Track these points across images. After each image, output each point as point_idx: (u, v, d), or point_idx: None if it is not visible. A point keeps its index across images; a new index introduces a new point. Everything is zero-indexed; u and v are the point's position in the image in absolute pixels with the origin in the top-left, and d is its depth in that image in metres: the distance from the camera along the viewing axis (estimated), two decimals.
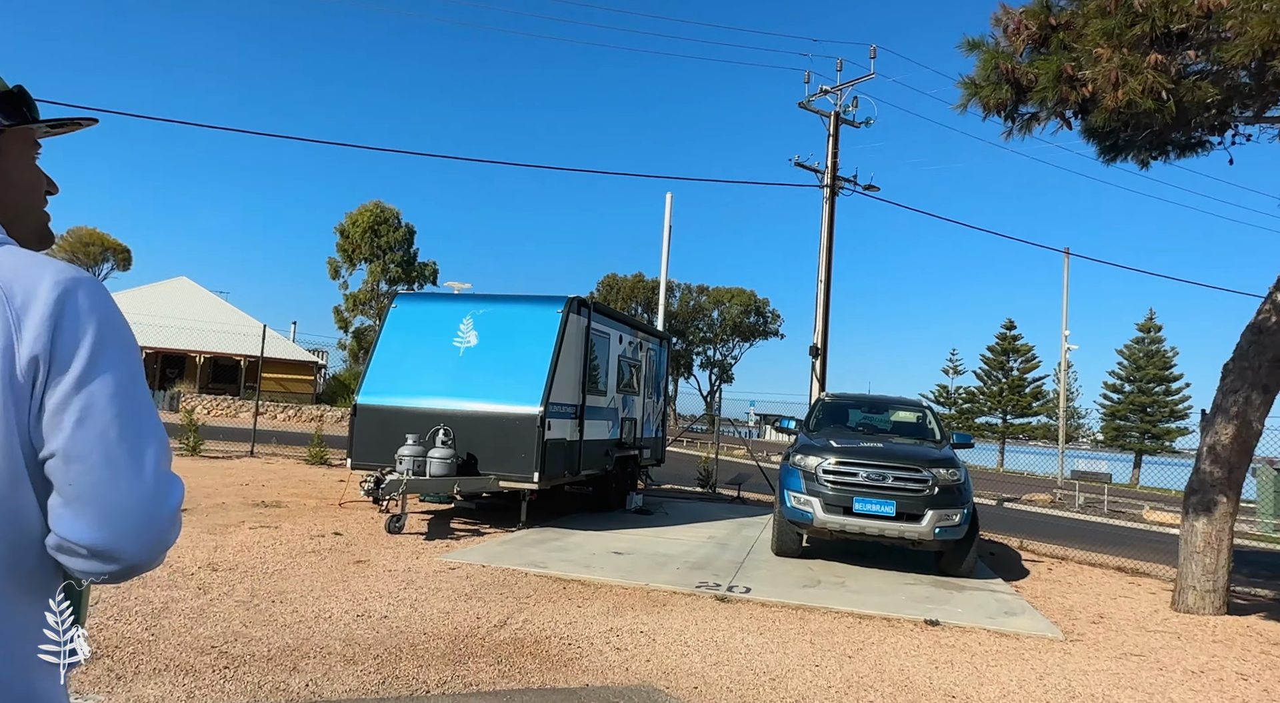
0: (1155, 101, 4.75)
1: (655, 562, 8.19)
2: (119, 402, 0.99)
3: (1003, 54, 5.44)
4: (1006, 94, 5.48)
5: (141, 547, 0.99)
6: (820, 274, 20.40)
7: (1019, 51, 5.38)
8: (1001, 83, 5.49)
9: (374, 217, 42.20)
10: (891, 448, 8.76)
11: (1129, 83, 4.67)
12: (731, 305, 74.36)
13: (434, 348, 10.24)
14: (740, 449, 37.23)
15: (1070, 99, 5.08)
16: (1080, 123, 9.95)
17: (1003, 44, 5.57)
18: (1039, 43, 5.26)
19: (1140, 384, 55.80)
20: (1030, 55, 5.33)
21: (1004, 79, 5.46)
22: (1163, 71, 4.66)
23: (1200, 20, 4.52)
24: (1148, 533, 19.87)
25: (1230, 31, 4.39)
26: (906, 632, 6.26)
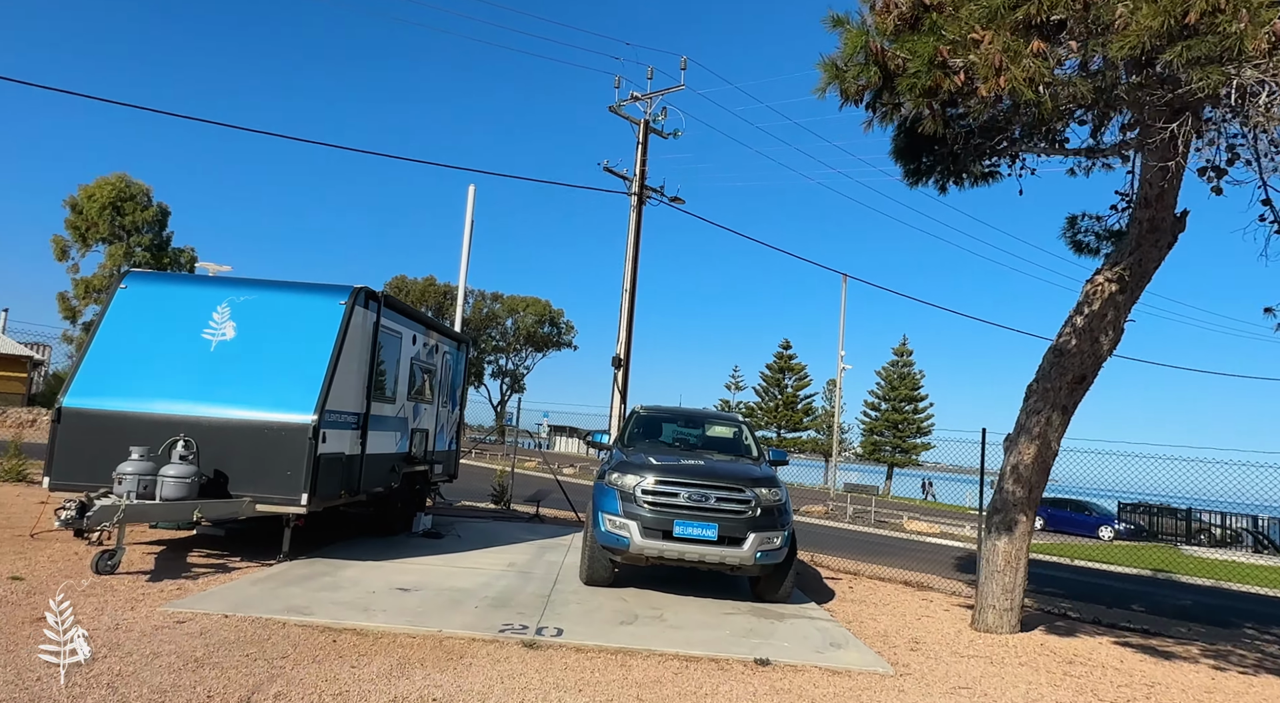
0: (1034, 93, 4.52)
1: (449, 599, 6.97)
2: None
3: (870, 34, 5.03)
4: (874, 77, 5.08)
5: None
6: (625, 283, 19.98)
7: (887, 32, 4.99)
8: (869, 64, 5.07)
9: (117, 192, 36.46)
10: (714, 466, 8.20)
11: (1011, 70, 4.40)
12: (526, 315, 73.29)
13: (176, 340, 8.30)
14: (532, 462, 36.16)
15: (943, 87, 4.75)
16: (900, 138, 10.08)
17: (870, 22, 5.17)
18: (910, 23, 4.90)
19: (894, 403, 61.74)
20: (899, 38, 4.95)
21: (871, 61, 5.05)
22: (1044, 59, 4.43)
23: (1082, 11, 4.32)
24: (912, 543, 21.39)
25: (1119, 21, 4.21)
26: (738, 676, 5.60)
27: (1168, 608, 12.28)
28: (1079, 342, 7.36)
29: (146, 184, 37.86)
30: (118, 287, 8.61)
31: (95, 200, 36.08)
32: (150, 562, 7.58)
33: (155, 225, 37.94)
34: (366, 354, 9.07)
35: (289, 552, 8.15)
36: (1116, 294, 7.24)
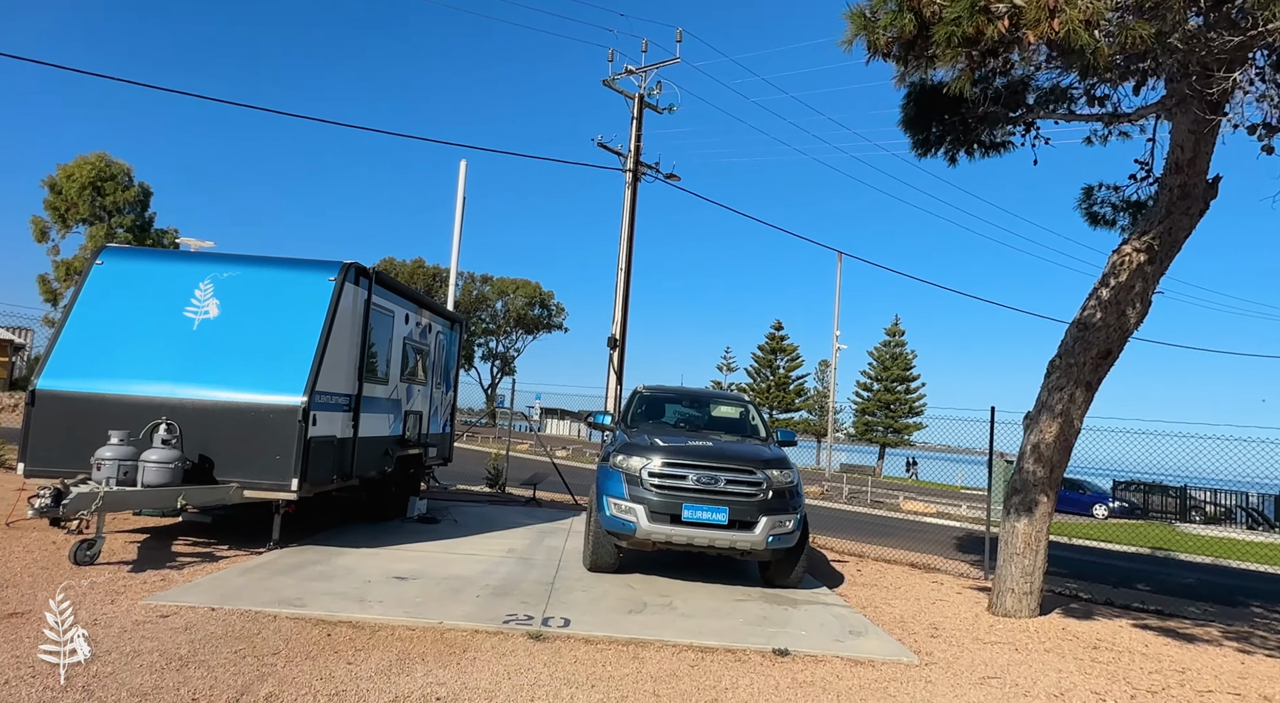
0: (1090, 38, 4.15)
1: (449, 588, 6.65)
2: None
3: None
4: (908, 26, 4.70)
5: None
6: (620, 262, 19.59)
7: None
8: (902, 12, 4.69)
9: (96, 171, 35.64)
10: (722, 447, 7.89)
11: (1067, 11, 4.03)
12: (516, 297, 72.73)
13: (156, 319, 7.88)
14: (525, 444, 35.83)
15: (985, 34, 4.38)
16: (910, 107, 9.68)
17: None
18: None
19: (886, 383, 61.67)
20: None
21: (905, 7, 4.67)
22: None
23: None
24: (910, 523, 21.25)
25: None
26: (757, 667, 5.31)
27: (1174, 587, 12.12)
28: (1104, 315, 7.06)
29: (127, 164, 37.07)
30: (94, 263, 8.17)
31: (75, 180, 35.26)
32: (133, 551, 7.22)
33: (137, 206, 37.16)
34: (358, 333, 8.68)
35: (279, 539, 7.80)
36: (1145, 265, 6.93)
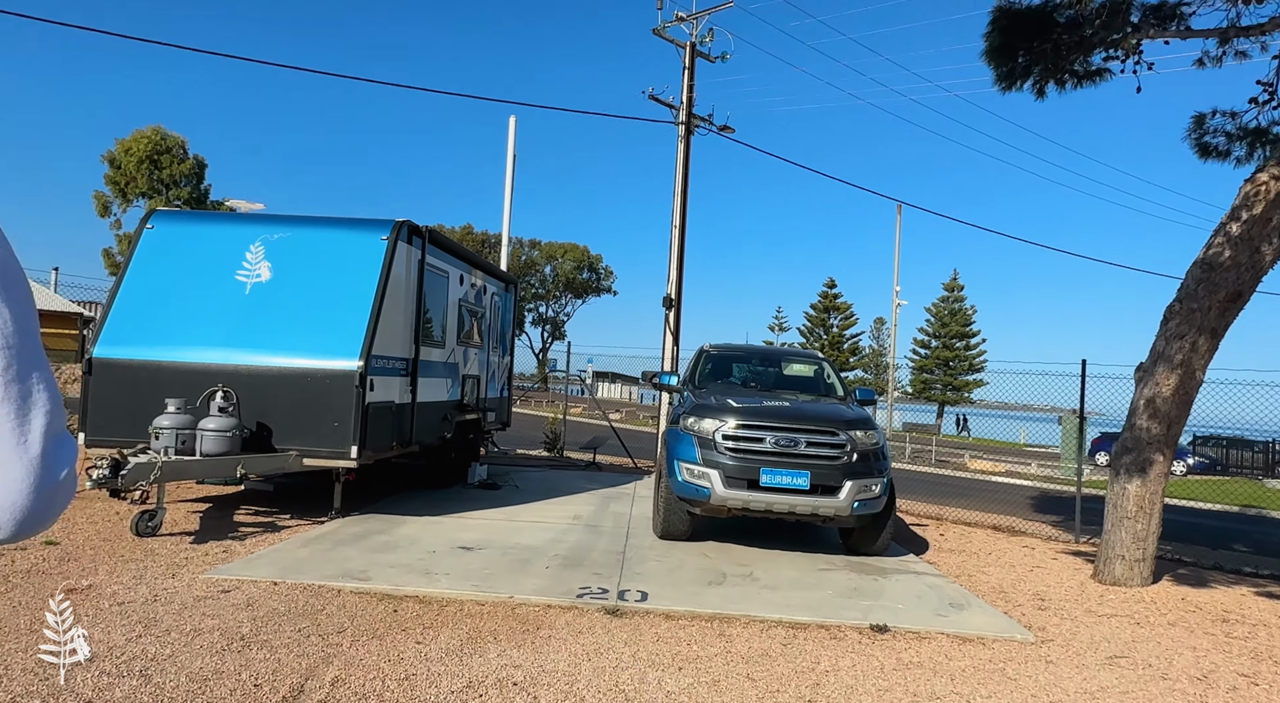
0: None
1: (517, 559, 6.33)
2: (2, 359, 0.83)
3: None
4: None
5: (23, 520, 0.84)
6: (674, 219, 18.94)
7: None
8: None
9: (152, 145, 36.06)
10: (801, 408, 7.37)
11: None
12: (564, 261, 72.46)
13: (208, 283, 7.64)
14: (578, 407, 35.74)
15: None
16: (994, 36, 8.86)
17: None
18: None
19: (944, 340, 59.99)
20: None
21: None
22: None
23: None
24: (980, 483, 20.48)
25: None
26: (855, 645, 4.85)
27: (1274, 547, 11.28)
28: (1234, 253, 6.29)
29: (182, 136, 37.43)
30: (144, 227, 7.95)
31: (132, 155, 35.77)
32: (194, 521, 7.07)
33: (193, 178, 37.60)
34: (412, 295, 8.34)
35: (340, 508, 7.58)
36: None
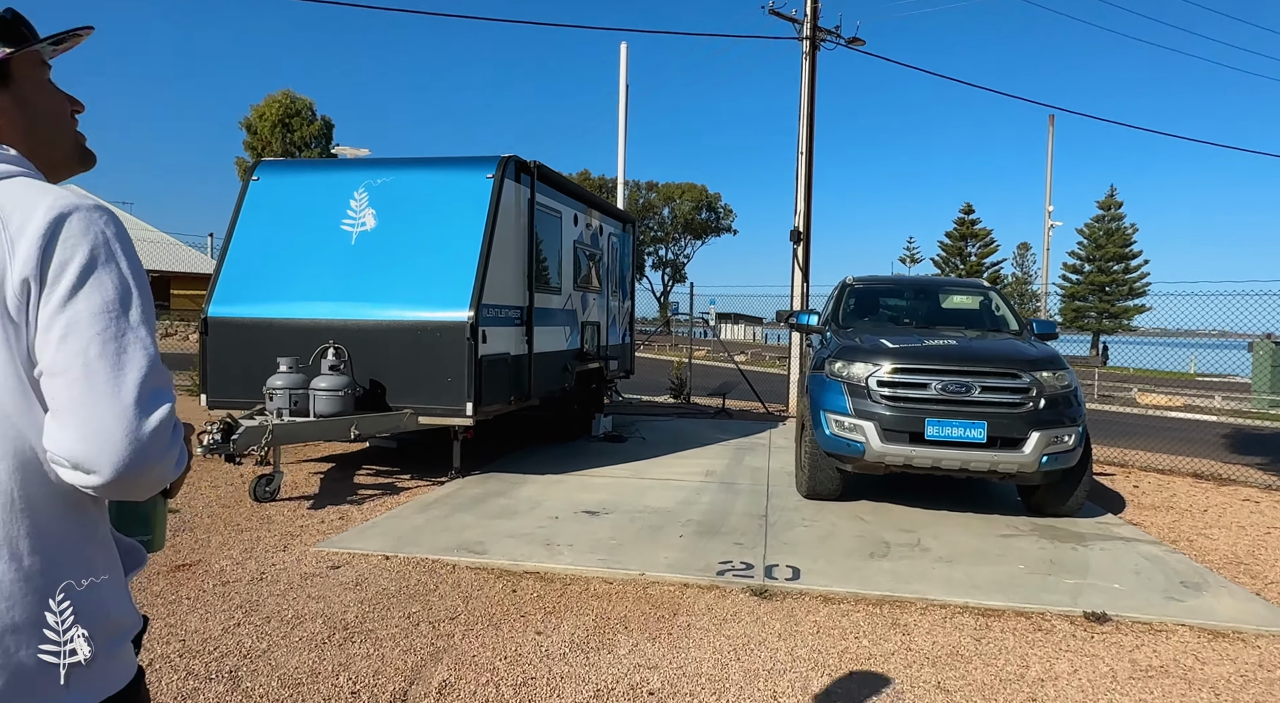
0: None
1: (646, 525, 5.68)
2: (103, 320, 1.01)
3: None
4: None
5: (117, 462, 0.98)
6: (800, 145, 17.50)
7: None
8: None
9: (284, 108, 37.38)
10: (971, 346, 6.27)
11: None
12: (682, 202, 71.07)
13: (315, 235, 7.28)
14: (702, 351, 35.01)
15: None
16: None
17: None
18: None
19: (1100, 263, 54.86)
20: None
21: None
22: None
23: None
24: (1156, 420, 18.27)
25: None
26: (1069, 641, 3.89)
27: None
28: None
29: (309, 98, 38.59)
30: (249, 179, 7.66)
31: (266, 120, 37.23)
32: (315, 484, 6.83)
33: (321, 139, 38.82)
34: (523, 238, 7.72)
35: (460, 468, 7.18)
36: None
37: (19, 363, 1.01)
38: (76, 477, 1.00)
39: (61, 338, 0.99)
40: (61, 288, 1.00)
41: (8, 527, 1.01)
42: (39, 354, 1.00)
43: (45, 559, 1.03)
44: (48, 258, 1.00)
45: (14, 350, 1.00)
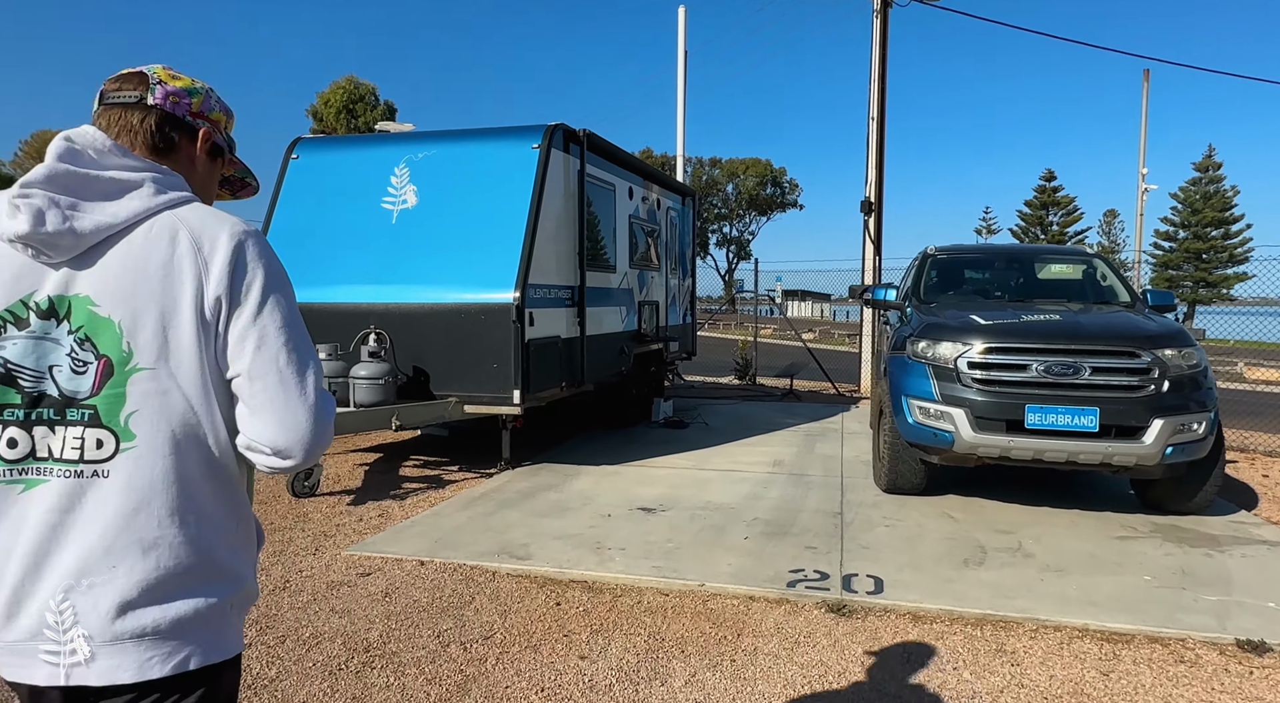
0: None
1: (707, 524, 5.14)
2: (285, 332, 1.23)
3: None
4: None
5: (307, 447, 1.23)
6: (871, 111, 16.47)
7: None
8: None
9: (348, 94, 37.80)
10: (1078, 321, 5.50)
11: None
12: (747, 177, 69.68)
13: (356, 214, 6.92)
14: (768, 329, 34.11)
15: None
16: None
17: None
18: None
19: (1195, 229, 51.49)
20: None
21: None
22: None
23: None
24: (1270, 397, 16.79)
25: None
26: (1223, 679, 3.20)
27: None
28: None
29: (372, 83, 38.92)
30: (289, 157, 7.35)
31: (330, 106, 37.72)
32: (358, 476, 6.51)
33: None
34: (573, 212, 7.21)
35: (509, 458, 6.77)
36: None
37: (206, 364, 1.19)
38: (273, 461, 1.22)
39: (256, 348, 1.19)
40: (249, 305, 1.19)
41: (180, 500, 1.19)
42: (234, 361, 1.20)
43: (206, 527, 1.22)
44: (236, 279, 1.19)
45: (205, 353, 1.18)
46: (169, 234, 1.19)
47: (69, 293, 1.18)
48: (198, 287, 1.17)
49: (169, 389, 1.18)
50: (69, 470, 1.17)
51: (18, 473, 1.18)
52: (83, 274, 1.18)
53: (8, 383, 1.18)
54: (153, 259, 1.18)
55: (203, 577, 1.22)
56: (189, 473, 1.20)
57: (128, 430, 1.17)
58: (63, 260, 1.18)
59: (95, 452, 1.17)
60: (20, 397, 1.18)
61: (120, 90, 1.30)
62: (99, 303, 1.17)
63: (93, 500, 1.17)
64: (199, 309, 1.17)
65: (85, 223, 1.17)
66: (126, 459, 1.17)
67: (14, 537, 1.17)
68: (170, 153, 1.31)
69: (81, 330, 1.18)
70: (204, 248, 1.19)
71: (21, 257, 1.18)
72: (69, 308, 1.18)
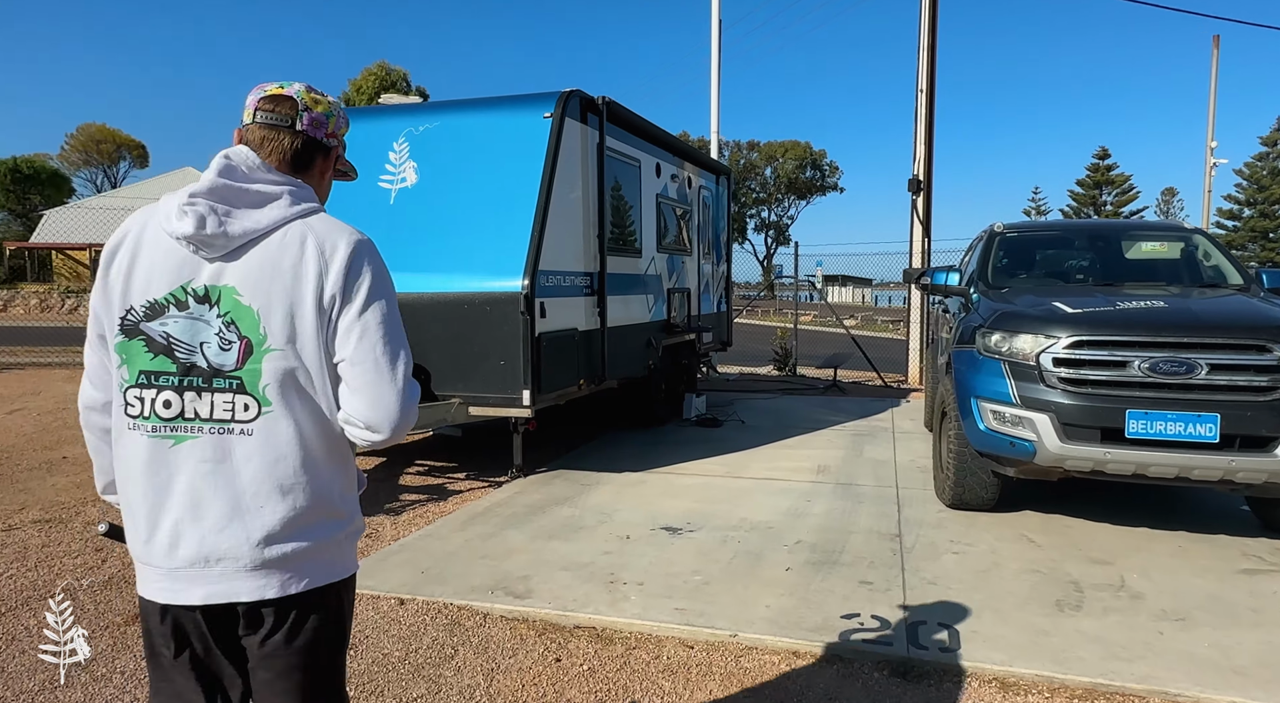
0: None
1: (743, 550, 4.39)
2: (383, 327, 1.46)
3: None
4: None
5: (394, 424, 1.46)
6: (920, 82, 15.38)
7: None
8: None
9: (379, 80, 37.46)
10: (1187, 308, 4.61)
11: None
12: (785, 160, 68.10)
13: (350, 195, 6.20)
14: (808, 315, 33.05)
15: None
16: None
17: None
18: None
19: (1262, 206, 48.88)
20: None
21: None
22: None
23: None
24: None
25: None
26: None
27: None
28: None
29: (404, 69, 38.52)
30: None
31: (363, 92, 37.38)
32: None
33: None
34: (592, 190, 6.48)
35: (521, 465, 6.08)
36: None
37: (322, 348, 1.44)
38: (364, 434, 1.47)
39: (359, 338, 1.44)
40: (357, 302, 1.44)
41: (306, 454, 1.45)
42: (340, 348, 1.45)
43: (324, 476, 1.49)
44: (349, 280, 1.44)
45: (321, 338, 1.44)
46: (299, 240, 1.44)
47: (219, 283, 1.42)
48: (319, 284, 1.42)
49: (295, 367, 1.43)
50: (219, 428, 1.42)
51: (169, 430, 1.42)
52: (230, 268, 1.42)
53: (166, 353, 1.42)
54: (285, 259, 1.43)
55: (324, 514, 1.48)
56: (311, 433, 1.45)
57: (265, 398, 1.42)
58: (215, 256, 1.42)
59: (243, 414, 1.42)
60: (175, 366, 1.42)
61: (274, 111, 1.52)
62: (242, 293, 1.41)
63: (240, 453, 1.42)
64: (319, 302, 1.42)
65: (235, 227, 1.41)
66: (266, 421, 1.42)
67: (169, 482, 1.42)
68: (307, 169, 1.56)
69: (228, 315, 1.41)
70: (326, 252, 1.44)
71: (183, 251, 1.42)
72: (219, 296, 1.42)
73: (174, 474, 1.40)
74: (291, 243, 1.42)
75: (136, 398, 1.42)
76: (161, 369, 1.41)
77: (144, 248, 1.44)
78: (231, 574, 1.41)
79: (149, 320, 1.42)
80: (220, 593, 1.41)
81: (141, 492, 1.42)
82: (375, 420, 1.43)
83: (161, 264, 1.42)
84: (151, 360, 1.41)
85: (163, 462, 1.41)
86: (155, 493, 1.41)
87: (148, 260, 1.43)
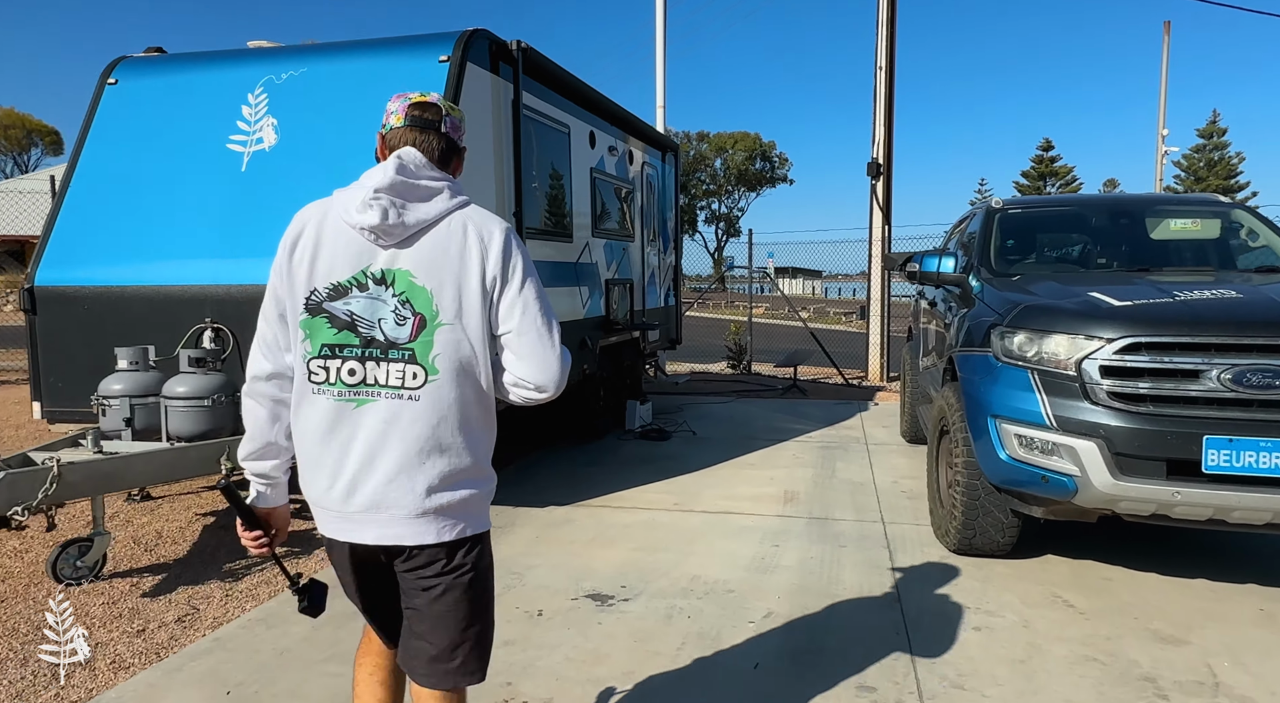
0: None
1: (692, 635, 3.21)
2: (538, 302, 1.68)
3: None
4: None
5: (556, 382, 1.68)
6: (879, 58, 14.41)
7: None
8: None
9: None
10: (1270, 299, 3.57)
11: None
12: (735, 152, 67.38)
13: (191, 160, 4.90)
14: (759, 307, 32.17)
15: None
16: None
17: None
18: None
19: None
20: None
21: None
22: None
23: None
24: None
25: None
26: None
27: None
28: None
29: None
30: (105, 82, 5.27)
31: None
32: (190, 536, 4.52)
33: None
34: (508, 158, 5.24)
35: None
36: None
37: (485, 324, 1.64)
38: (532, 394, 1.69)
39: (523, 312, 1.65)
40: (515, 282, 1.66)
41: (463, 417, 1.65)
42: (504, 321, 1.65)
43: (478, 437, 1.70)
44: (506, 263, 1.65)
45: (484, 316, 1.64)
46: (462, 228, 1.66)
47: (394, 267, 1.62)
48: (481, 266, 1.63)
49: (461, 339, 1.63)
50: (393, 394, 1.62)
51: (353, 394, 1.63)
52: (403, 253, 1.63)
53: (349, 328, 1.62)
54: (452, 245, 1.64)
55: (475, 472, 1.70)
56: (469, 398, 1.66)
57: (433, 367, 1.62)
58: (391, 243, 1.62)
59: (412, 381, 1.62)
60: (357, 339, 1.62)
61: (424, 114, 1.74)
62: (415, 275, 1.62)
63: (408, 416, 1.62)
64: (482, 282, 1.63)
65: (410, 218, 1.63)
66: (432, 387, 1.63)
67: (350, 439, 1.63)
68: (447, 166, 1.77)
69: (403, 294, 1.62)
70: (485, 239, 1.65)
71: (362, 239, 1.63)
72: (394, 278, 1.62)
73: (355, 432, 1.62)
74: (456, 231, 1.65)
75: (321, 367, 1.63)
76: (345, 342, 1.62)
77: (325, 237, 1.64)
78: (399, 520, 1.63)
79: (332, 300, 1.62)
80: (389, 536, 1.64)
81: (325, 447, 1.64)
82: (543, 381, 1.67)
83: (344, 252, 1.63)
84: (335, 335, 1.62)
85: (346, 421, 1.63)
86: (339, 448, 1.62)
87: (330, 248, 1.63)
